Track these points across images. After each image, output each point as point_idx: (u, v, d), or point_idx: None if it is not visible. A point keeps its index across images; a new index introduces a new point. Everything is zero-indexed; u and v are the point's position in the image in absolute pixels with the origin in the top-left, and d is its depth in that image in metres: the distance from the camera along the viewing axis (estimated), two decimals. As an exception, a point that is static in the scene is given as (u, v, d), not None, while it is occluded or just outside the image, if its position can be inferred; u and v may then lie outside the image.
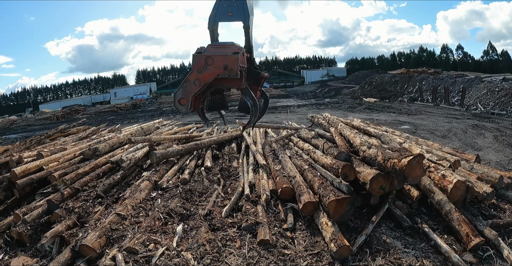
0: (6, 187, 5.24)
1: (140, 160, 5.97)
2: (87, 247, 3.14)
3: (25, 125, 27.38)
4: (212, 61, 2.84)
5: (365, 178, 3.45)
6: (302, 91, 35.88)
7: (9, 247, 3.87)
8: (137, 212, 3.98)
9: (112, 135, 7.86)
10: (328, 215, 3.23)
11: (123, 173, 5.43)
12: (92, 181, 5.17)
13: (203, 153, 6.57)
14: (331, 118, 7.74)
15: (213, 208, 3.97)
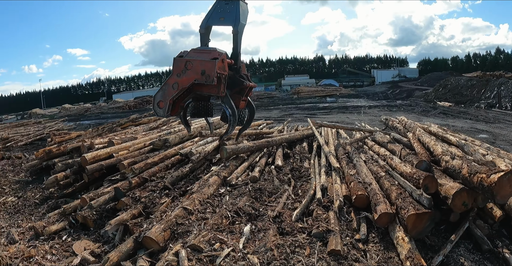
0: (76, 171, 8.19)
1: (209, 154, 8.42)
2: (151, 239, 4.61)
3: (98, 113, 44.31)
4: (192, 65, 4.00)
5: (447, 191, 4.60)
6: (373, 91, 50.26)
7: (73, 230, 6.11)
8: (204, 208, 5.56)
9: (182, 127, 10.93)
10: (405, 230, 4.32)
11: (192, 166, 7.69)
12: (160, 171, 7.42)
13: (273, 151, 9.16)
14: (408, 123, 10.13)
15: (283, 210, 5.44)
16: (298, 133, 10.97)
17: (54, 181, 8.19)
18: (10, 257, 5.49)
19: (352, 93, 49.68)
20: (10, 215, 7.83)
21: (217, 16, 4.61)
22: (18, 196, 9.00)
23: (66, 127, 25.83)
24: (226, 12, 4.55)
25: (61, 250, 5.55)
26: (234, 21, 4.48)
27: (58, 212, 6.83)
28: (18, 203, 8.46)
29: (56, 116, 46.62)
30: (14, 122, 34.46)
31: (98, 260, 4.98)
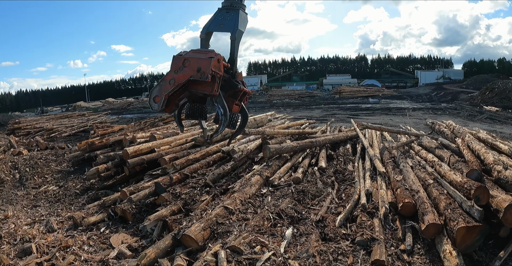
0: (117, 164, 8.36)
1: (252, 152, 8.44)
2: (190, 237, 4.57)
3: (141, 107, 46.95)
4: (189, 63, 4.31)
5: (499, 204, 4.42)
6: (416, 93, 50.11)
7: (112, 222, 6.22)
8: (245, 208, 5.49)
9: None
10: (453, 243, 4.16)
11: (234, 164, 7.71)
12: (201, 168, 7.45)
13: (316, 152, 9.15)
14: (456, 128, 9.96)
15: (326, 215, 5.36)
16: (342, 134, 10.82)
17: (95, 172, 8.40)
18: (48, 246, 5.59)
19: (395, 94, 49.28)
20: (51, 204, 8.08)
21: (217, 23, 5.07)
22: (59, 186, 9.30)
23: (109, 120, 26.84)
24: (226, 20, 5.03)
25: (98, 242, 5.62)
26: (232, 28, 4.94)
27: (97, 203, 6.99)
28: (59, 192, 8.73)
29: (99, 110, 49.45)
30: (59, 114, 36.24)
31: (135, 255, 5.01)
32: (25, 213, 7.64)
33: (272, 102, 40.80)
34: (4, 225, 6.94)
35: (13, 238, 6.18)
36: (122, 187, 7.90)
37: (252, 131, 8.88)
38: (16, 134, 21.59)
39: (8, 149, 14.26)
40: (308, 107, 33.38)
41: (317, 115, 24.80)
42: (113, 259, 4.95)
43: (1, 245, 6.03)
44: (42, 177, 10.15)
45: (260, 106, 35.96)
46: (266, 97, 49.96)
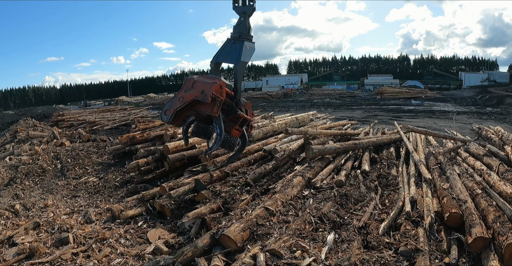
0: (157, 159, 8.47)
1: (293, 152, 8.39)
2: (228, 238, 4.53)
3: None
4: (196, 85, 5.11)
5: None
6: (460, 96, 48.97)
7: (150, 217, 6.30)
8: (286, 210, 5.42)
9: (266, 122, 11.31)
10: (501, 260, 3.98)
11: (275, 164, 7.68)
12: (242, 167, 7.45)
13: (359, 154, 9.06)
14: (505, 135, 9.54)
15: (369, 221, 5.23)
16: (386, 137, 10.57)
17: (136, 166, 8.55)
18: (84, 237, 5.69)
19: (438, 96, 47.75)
20: (90, 195, 8.28)
21: (224, 54, 5.70)
22: (99, 177, 9.54)
23: (150, 115, 27.49)
24: (231, 51, 5.64)
25: (135, 236, 5.67)
26: (236, 60, 5.55)
27: (136, 197, 7.10)
28: (98, 183, 8.95)
29: (141, 104, 51.09)
30: (102, 108, 37.57)
31: (171, 251, 5.04)
32: (64, 203, 7.86)
33: (313, 102, 40.91)
34: (43, 214, 7.15)
35: (51, 227, 6.35)
36: (162, 182, 8.06)
37: (295, 131, 8.84)
38: (59, 125, 22.56)
39: (51, 139, 14.84)
40: (349, 107, 32.87)
41: (359, 116, 24.37)
42: (149, 254, 4.98)
43: (39, 233, 6.20)
44: (83, 168, 10.45)
45: (300, 105, 36.20)
46: (307, 96, 50.10)
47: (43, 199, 8.17)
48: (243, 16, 5.81)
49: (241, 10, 5.82)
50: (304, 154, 8.08)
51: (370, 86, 77.20)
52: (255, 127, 10.36)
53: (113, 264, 4.83)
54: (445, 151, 8.64)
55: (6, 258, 5.43)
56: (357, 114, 25.45)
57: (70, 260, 5.05)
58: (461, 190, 5.58)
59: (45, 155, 11.43)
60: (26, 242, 5.81)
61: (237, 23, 5.85)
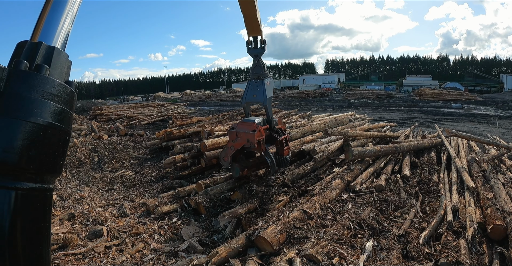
0: (194, 155, 8.52)
1: (332, 153, 8.32)
2: (265, 240, 4.46)
3: (218, 100, 50.92)
4: (240, 135, 6.17)
5: None
6: (502, 99, 47.24)
7: (184, 213, 6.33)
8: (324, 213, 5.31)
9: (304, 122, 11.22)
10: None
11: (314, 165, 7.61)
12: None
13: (399, 158, 8.90)
14: None
15: (410, 229, 5.05)
16: (427, 141, 10.19)
17: (172, 161, 8.60)
18: (119, 230, 5.74)
19: (479, 99, 45.80)
20: (126, 188, 8.40)
21: (251, 94, 6.74)
22: (135, 171, 9.68)
23: (187, 111, 27.95)
24: (256, 90, 6.67)
25: (169, 232, 5.69)
26: (262, 98, 6.58)
27: (172, 193, 7.14)
28: (134, 177, 9.08)
29: (178, 101, 52.70)
30: (139, 103, 38.53)
31: (205, 250, 5.02)
32: (100, 195, 8.00)
33: (350, 102, 40.36)
34: (79, 205, 7.29)
35: (85, 219, 6.46)
36: (197, 178, 8.11)
37: (334, 131, 8.67)
38: (98, 119, 23.19)
39: (89, 133, 15.27)
40: (387, 109, 32.04)
41: (397, 118, 23.74)
42: (183, 251, 4.98)
43: (74, 224, 6.31)
44: (119, 162, 10.64)
45: (337, 105, 35.91)
46: (344, 96, 49.63)
47: (79, 191, 8.34)
48: (256, 59, 6.80)
49: (254, 53, 6.83)
50: (344, 155, 7.95)
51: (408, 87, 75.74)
52: (294, 127, 10.31)
53: (145, 259, 4.85)
54: (489, 158, 8.33)
55: (40, 247, 5.55)
56: (395, 116, 24.85)
57: (102, 253, 5.11)
58: (506, 201, 5.32)
59: (83, 148, 11.71)
60: (60, 233, 5.92)
61: (253, 65, 6.83)
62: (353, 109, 25.62)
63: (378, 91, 58.73)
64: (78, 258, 5.02)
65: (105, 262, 4.80)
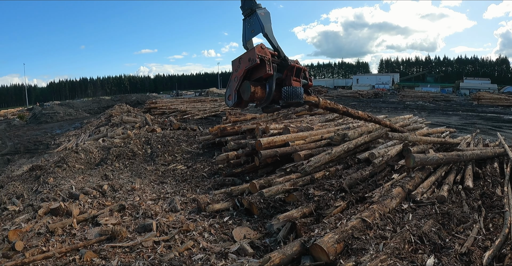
0: (248, 153, 8.39)
1: (391, 159, 7.90)
2: (321, 249, 4.22)
3: None
4: (242, 59, 5.78)
5: None
6: None
7: (236, 213, 6.18)
8: (384, 223, 5.00)
9: (361, 123, 10.78)
10: None
11: (372, 170, 7.28)
12: (337, 170, 7.16)
13: (461, 167, 8.31)
14: None
15: (473, 247, 4.66)
16: (490, 150, 9.39)
17: (225, 158, 8.54)
18: (168, 226, 5.66)
19: None
20: (177, 183, 8.39)
21: (249, 31, 6.32)
22: (187, 166, 9.69)
23: (240, 108, 27.96)
24: (252, 25, 6.24)
25: (219, 231, 5.56)
26: (260, 28, 6.10)
27: (224, 191, 7.04)
28: (186, 172, 9.07)
29: None
30: (192, 98, 39.22)
31: (256, 253, 4.86)
32: (151, 188, 8.02)
33: (405, 104, 38.68)
34: (130, 197, 7.33)
35: (135, 211, 6.46)
36: (250, 177, 8.03)
37: (395, 135, 8.22)
38: (151, 112, 23.75)
39: (143, 125, 15.61)
40: (444, 112, 30.34)
41: (455, 123, 22.38)
42: (233, 253, 4.82)
43: (123, 216, 6.32)
44: (172, 155, 10.70)
45: (392, 106, 34.81)
46: (398, 98, 47.97)
47: (131, 182, 8.42)
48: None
49: None
50: (404, 161, 7.50)
51: (465, 90, 71.68)
52: (351, 128, 9.99)
53: (194, 259, 4.72)
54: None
55: (88, 236, 5.59)
56: (453, 121, 23.49)
57: (150, 248, 5.05)
58: None
59: (136, 140, 11.91)
60: (110, 224, 5.95)
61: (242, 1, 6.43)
62: (408, 112, 24.98)
63: (434, 93, 56.35)
64: (125, 251, 5.00)
65: (153, 258, 4.72)
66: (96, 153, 11.39)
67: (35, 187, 8.81)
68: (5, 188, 9.63)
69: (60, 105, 55.07)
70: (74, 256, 4.96)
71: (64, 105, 55.57)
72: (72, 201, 7.13)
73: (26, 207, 7.17)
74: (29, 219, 6.61)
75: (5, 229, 6.28)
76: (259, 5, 6.35)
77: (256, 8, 6.25)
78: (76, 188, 7.87)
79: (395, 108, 31.93)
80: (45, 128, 28.76)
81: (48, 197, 7.36)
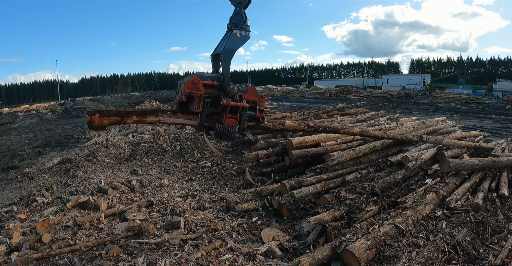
0: (278, 152, 8.28)
1: (425, 162, 7.67)
2: (352, 254, 4.11)
3: (300, 96, 52.04)
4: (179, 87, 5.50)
5: None
6: None
7: (265, 213, 6.11)
8: (417, 231, 4.84)
9: (393, 125, 10.62)
10: None
11: (405, 174, 7.07)
12: (370, 173, 7.02)
13: (495, 173, 8.05)
14: None
15: (507, 260, 4.42)
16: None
17: (255, 157, 8.47)
18: (196, 224, 5.62)
19: None
20: (206, 180, 8.38)
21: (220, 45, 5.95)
22: (216, 163, 9.63)
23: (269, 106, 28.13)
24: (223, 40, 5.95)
25: (247, 232, 5.48)
26: (222, 47, 5.77)
27: (253, 190, 6.97)
28: (215, 170, 9.05)
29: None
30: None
31: (284, 256, 4.78)
32: (179, 185, 8.03)
33: (437, 106, 37.66)
34: (158, 193, 7.34)
35: (163, 208, 6.46)
36: (280, 176, 7.96)
37: (429, 139, 8.09)
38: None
39: (173, 121, 15.65)
40: (477, 115, 29.12)
41: (488, 126, 21.52)
42: (261, 255, 4.73)
43: (151, 212, 6.32)
44: (200, 152, 10.72)
45: (423, 108, 34.10)
46: (430, 99, 46.50)
47: (159, 178, 8.46)
48: (238, 7, 6.02)
49: (236, 1, 6.05)
50: (438, 166, 7.25)
51: (498, 93, 68.83)
52: (383, 130, 9.71)
53: (221, 259, 4.65)
54: None
55: (115, 232, 5.61)
56: (486, 125, 22.62)
57: (178, 246, 5.02)
58: None
59: (166, 136, 11.98)
60: (137, 220, 5.96)
61: (233, 13, 6.00)
62: (440, 114, 24.65)
63: (466, 95, 54.57)
64: (152, 248, 4.97)
65: (179, 257, 4.67)
66: (126, 148, 11.52)
67: (64, 180, 8.97)
68: (35, 180, 9.85)
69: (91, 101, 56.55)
70: (100, 250, 4.98)
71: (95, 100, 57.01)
72: (101, 195, 7.21)
73: (55, 199, 7.30)
74: (57, 211, 6.71)
75: (34, 220, 6.40)
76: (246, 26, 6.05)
77: (236, 28, 5.93)
78: (105, 182, 7.96)
79: (427, 110, 31.38)
80: (76, 123, 29.43)
81: (77, 190, 7.47)
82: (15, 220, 6.59)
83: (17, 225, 6.23)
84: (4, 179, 11.99)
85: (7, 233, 5.86)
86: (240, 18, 5.93)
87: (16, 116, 50.52)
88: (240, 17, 5.94)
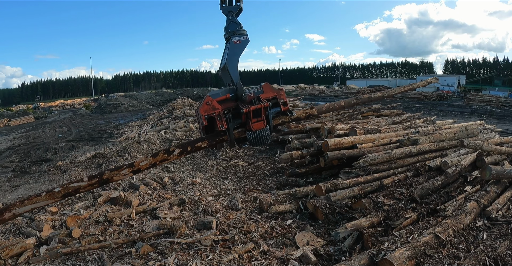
0: (313, 153, 8.11)
1: (464, 168, 7.27)
2: (390, 264, 3.92)
3: (332, 96, 52.42)
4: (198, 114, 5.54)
5: None
6: None
7: (299, 216, 5.92)
8: (457, 241, 4.61)
9: (431, 128, 10.25)
10: None
11: (445, 180, 6.74)
12: (408, 177, 6.77)
13: None
14: None
15: None
16: None
17: (289, 157, 8.32)
18: (228, 225, 5.53)
19: None
20: (238, 179, 8.30)
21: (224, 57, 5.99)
22: (249, 162, 9.60)
23: (301, 105, 27.71)
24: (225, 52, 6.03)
25: (281, 235, 5.33)
26: (225, 58, 5.91)
27: (288, 192, 6.79)
28: (248, 169, 8.99)
29: (291, 94, 54.16)
30: (255, 94, 40.34)
31: (318, 262, 4.63)
32: (212, 183, 7.97)
33: (472, 108, 36.22)
34: (190, 191, 7.29)
35: (195, 206, 6.40)
36: (314, 178, 7.83)
37: (471, 144, 7.60)
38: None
39: (205, 118, 15.69)
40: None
41: None
42: (295, 260, 4.59)
43: (183, 211, 6.27)
44: (233, 151, 10.65)
45: (459, 110, 33.35)
46: (465, 101, 44.88)
47: (191, 176, 8.42)
48: (230, 15, 6.12)
49: (227, 10, 6.17)
50: (478, 173, 6.92)
51: None
52: (420, 133, 9.44)
53: (254, 263, 4.55)
54: None
55: (146, 229, 5.59)
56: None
57: (209, 247, 4.95)
58: None
59: (198, 133, 11.94)
60: (169, 218, 5.93)
61: (226, 23, 6.12)
62: (476, 117, 24.01)
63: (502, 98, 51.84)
64: (183, 248, 4.93)
65: (211, 259, 4.60)
66: (158, 144, 11.59)
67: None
68: (67, 173, 10.01)
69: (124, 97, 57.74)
70: (130, 248, 4.99)
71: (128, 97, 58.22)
72: (132, 191, 7.22)
73: (86, 194, 7.33)
74: (88, 206, 6.76)
75: (64, 214, 6.45)
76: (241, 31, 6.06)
77: (233, 36, 5.96)
78: (137, 178, 7.96)
79: (462, 112, 30.81)
80: (109, 118, 30.00)
81: (108, 185, 7.48)
82: (46, 213, 6.67)
83: (47, 218, 6.31)
84: (38, 171, 12.28)
85: (38, 226, 5.94)
86: (235, 26, 6.05)
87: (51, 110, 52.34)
88: (234, 25, 6.06)
